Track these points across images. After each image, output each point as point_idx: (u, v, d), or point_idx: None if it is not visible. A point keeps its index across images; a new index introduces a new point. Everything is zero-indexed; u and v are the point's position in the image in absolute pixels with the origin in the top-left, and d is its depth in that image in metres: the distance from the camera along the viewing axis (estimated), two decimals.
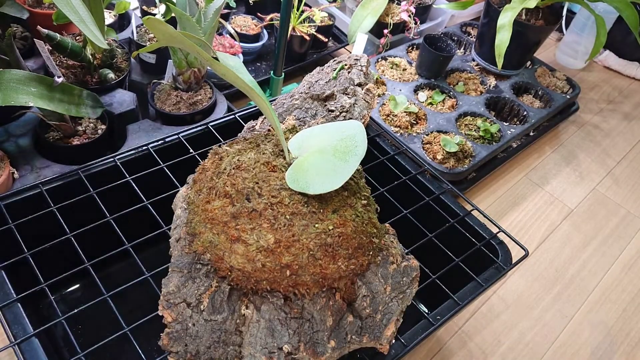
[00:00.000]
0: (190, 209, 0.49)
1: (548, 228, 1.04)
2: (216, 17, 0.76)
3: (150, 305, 0.47)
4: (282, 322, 0.43)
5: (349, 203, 0.48)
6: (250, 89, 0.46)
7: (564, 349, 0.84)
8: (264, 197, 0.46)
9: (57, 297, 0.73)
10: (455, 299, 0.58)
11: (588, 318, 0.89)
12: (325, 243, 0.44)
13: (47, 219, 0.56)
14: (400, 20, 1.28)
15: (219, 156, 0.52)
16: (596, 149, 1.26)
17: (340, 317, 0.46)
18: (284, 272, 0.43)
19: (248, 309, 0.43)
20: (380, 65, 1.20)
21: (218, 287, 0.44)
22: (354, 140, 0.49)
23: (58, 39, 0.76)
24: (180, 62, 0.83)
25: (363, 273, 0.47)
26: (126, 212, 0.58)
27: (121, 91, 0.87)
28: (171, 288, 0.45)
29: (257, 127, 0.61)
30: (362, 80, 0.64)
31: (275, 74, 1.01)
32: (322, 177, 0.46)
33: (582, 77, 1.51)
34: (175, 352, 0.43)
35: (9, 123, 0.79)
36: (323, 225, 0.45)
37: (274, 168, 0.49)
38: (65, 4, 0.56)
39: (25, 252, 0.53)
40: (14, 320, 0.49)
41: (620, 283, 0.96)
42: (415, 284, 0.52)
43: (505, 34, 0.96)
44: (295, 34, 1.15)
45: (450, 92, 1.15)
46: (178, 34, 0.40)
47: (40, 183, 0.61)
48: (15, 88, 0.64)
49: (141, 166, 0.64)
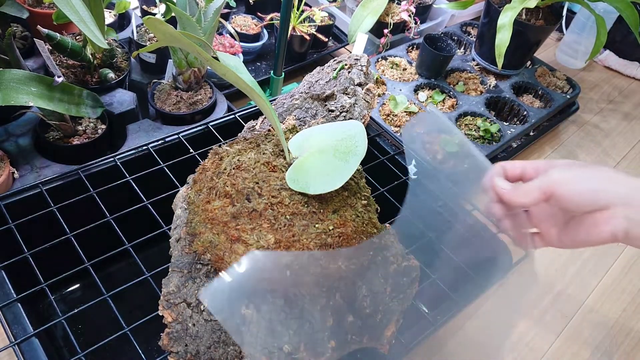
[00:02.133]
0: (191, 209, 0.49)
1: None
2: (216, 17, 0.76)
3: (150, 305, 0.47)
4: (282, 322, 0.43)
5: (349, 203, 0.48)
6: (250, 89, 0.46)
7: (564, 349, 0.84)
8: (264, 197, 0.46)
9: (57, 297, 0.72)
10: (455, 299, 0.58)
11: (588, 318, 0.89)
12: (326, 243, 0.44)
13: (47, 219, 0.56)
14: (401, 20, 1.27)
15: (219, 156, 0.52)
16: (596, 149, 1.26)
17: (340, 317, 0.46)
18: (284, 272, 0.43)
19: (248, 309, 0.43)
20: (380, 65, 1.20)
21: None
22: (354, 140, 0.49)
23: (58, 38, 0.76)
24: (180, 61, 0.83)
25: (363, 273, 0.47)
26: (126, 212, 0.58)
27: (121, 91, 0.87)
28: (171, 288, 0.45)
29: (257, 127, 0.61)
30: (362, 80, 0.64)
31: (275, 74, 1.01)
32: (322, 177, 0.46)
33: (582, 77, 1.50)
34: (176, 352, 0.43)
35: (9, 123, 0.79)
36: (323, 225, 0.45)
37: (274, 168, 0.49)
38: (65, 4, 0.56)
39: (25, 252, 0.53)
40: (14, 320, 0.49)
41: (620, 283, 0.96)
42: (415, 284, 0.52)
43: (505, 34, 0.96)
44: (295, 34, 1.15)
45: (450, 91, 1.15)
46: (178, 34, 0.40)
47: (40, 183, 0.61)
48: (15, 88, 0.64)
49: (141, 166, 0.64)
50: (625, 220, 0.37)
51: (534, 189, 0.41)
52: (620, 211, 0.38)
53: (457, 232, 0.66)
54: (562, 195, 0.39)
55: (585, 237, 0.40)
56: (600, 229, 0.39)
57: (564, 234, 0.43)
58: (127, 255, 0.54)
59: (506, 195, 0.43)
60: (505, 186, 0.43)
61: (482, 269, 0.64)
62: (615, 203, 0.38)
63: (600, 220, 0.39)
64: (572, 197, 0.39)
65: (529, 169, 0.44)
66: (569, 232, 0.42)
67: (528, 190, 0.42)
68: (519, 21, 1.09)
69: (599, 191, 0.38)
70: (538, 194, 0.41)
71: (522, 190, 0.42)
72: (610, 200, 0.38)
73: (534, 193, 0.41)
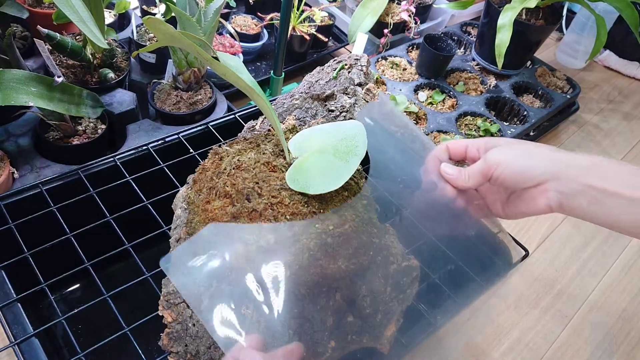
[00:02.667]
0: (190, 209, 0.49)
1: (548, 228, 1.04)
2: (216, 17, 0.76)
3: (150, 305, 0.47)
4: (282, 322, 0.43)
5: (349, 203, 0.48)
6: (250, 89, 0.46)
7: (564, 349, 0.84)
8: (264, 197, 0.46)
9: (57, 297, 0.72)
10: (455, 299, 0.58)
11: (588, 318, 0.89)
12: (326, 243, 0.44)
13: (47, 219, 0.56)
14: (401, 20, 1.27)
15: (219, 156, 0.52)
16: (596, 149, 1.26)
17: (340, 317, 0.46)
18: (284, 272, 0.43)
19: (248, 309, 0.43)
20: (380, 65, 1.20)
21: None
22: (354, 141, 0.49)
23: (58, 38, 0.76)
24: (180, 61, 0.83)
25: (363, 273, 0.47)
26: (126, 212, 0.58)
27: (121, 91, 0.87)
28: (171, 288, 0.45)
29: (257, 127, 0.61)
30: (363, 80, 0.64)
31: (275, 74, 1.01)
32: (322, 177, 0.46)
33: (582, 77, 1.50)
34: (176, 352, 0.43)
35: (9, 123, 0.79)
36: (323, 225, 0.45)
37: (274, 168, 0.49)
38: (65, 4, 0.56)
39: (25, 252, 0.53)
40: (14, 320, 0.49)
41: (620, 283, 0.96)
42: (415, 284, 0.52)
43: (505, 34, 0.96)
44: (295, 34, 1.15)
45: (450, 91, 1.15)
46: (178, 34, 0.40)
47: (40, 183, 0.61)
48: (15, 88, 0.64)
49: (141, 166, 0.64)
50: (557, 194, 0.42)
51: (476, 173, 0.46)
52: (553, 186, 0.42)
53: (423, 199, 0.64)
54: (500, 176, 0.44)
55: (525, 209, 0.45)
56: (537, 202, 0.43)
57: (507, 207, 0.48)
58: (127, 255, 0.54)
59: (452, 181, 0.48)
60: (450, 172, 0.48)
61: (482, 269, 0.64)
62: (547, 179, 0.42)
63: (536, 194, 0.43)
64: (509, 177, 0.43)
65: (472, 147, 0.48)
66: (511, 205, 0.47)
67: (470, 174, 0.46)
68: (519, 21, 1.09)
69: (533, 170, 0.42)
70: (480, 177, 0.45)
71: (465, 175, 0.47)
72: (543, 177, 0.42)
73: (476, 177, 0.46)
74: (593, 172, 0.40)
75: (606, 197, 0.39)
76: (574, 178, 0.41)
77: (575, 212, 0.42)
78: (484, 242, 0.66)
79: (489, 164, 0.44)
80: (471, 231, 0.59)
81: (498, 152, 0.45)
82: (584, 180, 0.40)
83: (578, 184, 0.41)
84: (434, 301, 0.60)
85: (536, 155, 0.43)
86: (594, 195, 0.40)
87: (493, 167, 0.44)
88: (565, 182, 0.41)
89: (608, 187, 0.39)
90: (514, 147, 0.45)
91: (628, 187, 0.39)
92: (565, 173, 0.41)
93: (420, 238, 0.57)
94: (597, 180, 0.40)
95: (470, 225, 0.55)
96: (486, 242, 0.66)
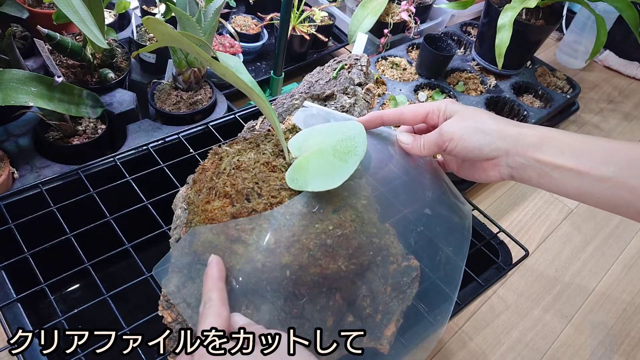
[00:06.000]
0: (190, 209, 0.49)
1: (548, 228, 1.04)
2: (216, 17, 0.76)
3: (150, 305, 0.47)
4: (282, 322, 0.43)
5: (349, 203, 0.48)
6: (250, 89, 0.46)
7: (564, 349, 0.84)
8: (264, 197, 0.46)
9: (57, 297, 0.73)
10: (455, 299, 0.58)
11: (588, 318, 0.89)
12: (325, 243, 0.44)
13: (47, 219, 0.56)
14: (401, 19, 1.27)
15: (219, 156, 0.52)
16: None
17: (340, 317, 0.46)
18: (283, 272, 0.43)
19: (248, 309, 0.43)
20: (380, 64, 1.20)
21: None
22: (354, 141, 0.49)
23: (58, 38, 0.76)
24: (180, 61, 0.83)
25: (363, 273, 0.47)
26: (126, 212, 0.58)
27: (121, 91, 0.87)
28: (171, 288, 0.45)
29: (257, 127, 0.61)
30: (362, 80, 0.64)
31: (275, 74, 1.01)
32: (321, 177, 0.46)
33: (583, 77, 1.50)
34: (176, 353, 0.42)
35: (9, 123, 0.79)
36: (323, 225, 0.45)
37: (273, 168, 0.49)
38: (66, 4, 0.56)
39: (25, 252, 0.53)
40: (14, 320, 0.49)
41: (620, 283, 0.96)
42: (415, 284, 0.52)
43: (505, 34, 0.96)
44: (295, 34, 1.15)
45: (450, 91, 1.15)
46: (178, 34, 0.40)
47: (40, 183, 0.61)
48: (15, 88, 0.64)
49: (141, 166, 0.64)
50: (507, 168, 0.45)
51: (431, 144, 0.48)
52: (503, 161, 0.44)
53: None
54: (454, 150, 0.46)
55: (478, 177, 0.49)
56: (489, 173, 0.47)
57: (462, 170, 0.52)
58: (127, 255, 0.54)
59: (407, 149, 0.52)
60: (406, 140, 0.51)
61: (483, 269, 0.64)
62: (498, 155, 0.44)
63: (487, 167, 0.46)
64: (461, 151, 0.46)
65: (432, 114, 0.49)
66: (465, 170, 0.51)
67: (425, 144, 0.49)
68: (519, 21, 1.09)
69: (484, 147, 0.44)
70: (435, 148, 0.48)
71: (420, 144, 0.50)
72: (494, 154, 0.44)
73: (431, 147, 0.49)
74: (541, 146, 0.43)
75: (553, 170, 0.42)
76: (522, 153, 0.43)
77: (525, 182, 0.45)
78: (484, 242, 0.66)
79: (443, 137, 0.46)
80: (472, 231, 0.59)
81: (453, 124, 0.46)
82: (532, 155, 0.43)
83: (527, 159, 0.43)
84: (434, 301, 0.60)
85: (488, 131, 0.45)
86: (542, 168, 0.43)
87: (447, 141, 0.46)
88: (515, 157, 0.44)
89: (554, 161, 0.42)
90: (467, 121, 0.46)
91: (574, 159, 0.41)
92: (515, 149, 0.43)
93: (392, 209, 0.55)
94: (545, 155, 0.42)
95: (430, 184, 0.56)
96: (486, 242, 0.66)
